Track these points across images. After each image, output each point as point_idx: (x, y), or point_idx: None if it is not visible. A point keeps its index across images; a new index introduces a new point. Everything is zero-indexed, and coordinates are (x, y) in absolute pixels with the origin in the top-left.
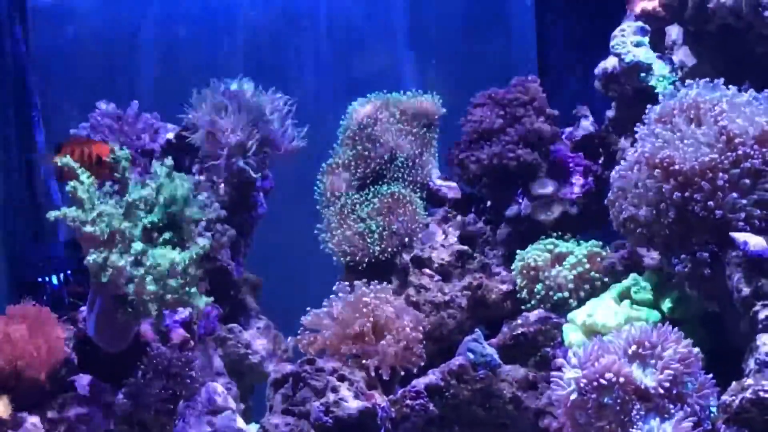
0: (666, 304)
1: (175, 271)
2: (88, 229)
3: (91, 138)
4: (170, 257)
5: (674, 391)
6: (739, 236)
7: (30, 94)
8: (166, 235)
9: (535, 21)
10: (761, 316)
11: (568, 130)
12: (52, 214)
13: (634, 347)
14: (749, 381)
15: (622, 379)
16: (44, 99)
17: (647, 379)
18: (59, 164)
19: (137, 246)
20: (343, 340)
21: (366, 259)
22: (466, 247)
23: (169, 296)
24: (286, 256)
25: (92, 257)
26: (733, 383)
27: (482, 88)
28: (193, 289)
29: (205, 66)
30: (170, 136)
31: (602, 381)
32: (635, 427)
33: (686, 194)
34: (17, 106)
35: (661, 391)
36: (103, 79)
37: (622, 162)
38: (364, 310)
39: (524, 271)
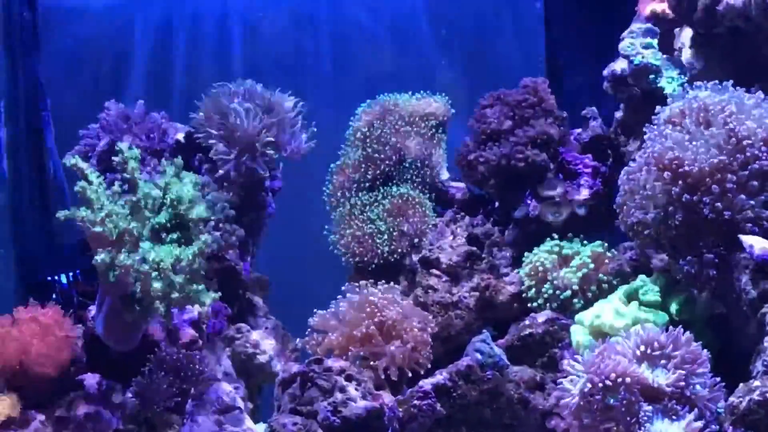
0: (673, 306)
1: (179, 266)
2: (97, 229)
3: None
4: (174, 253)
5: (686, 393)
6: (746, 239)
7: (41, 96)
8: (174, 236)
9: (544, 23)
10: None
11: (577, 131)
12: (62, 214)
13: (642, 348)
14: (756, 383)
15: (628, 380)
16: (54, 100)
17: (658, 378)
18: (67, 165)
19: (145, 246)
20: (350, 341)
21: (375, 260)
22: (474, 248)
23: (175, 294)
24: (295, 257)
25: (100, 257)
26: (741, 385)
27: (491, 89)
28: (200, 286)
29: (215, 67)
30: (180, 136)
31: (608, 382)
32: (642, 428)
33: (695, 196)
34: (28, 107)
35: (675, 390)
36: (112, 79)
37: (631, 163)
38: (369, 310)
39: (531, 274)
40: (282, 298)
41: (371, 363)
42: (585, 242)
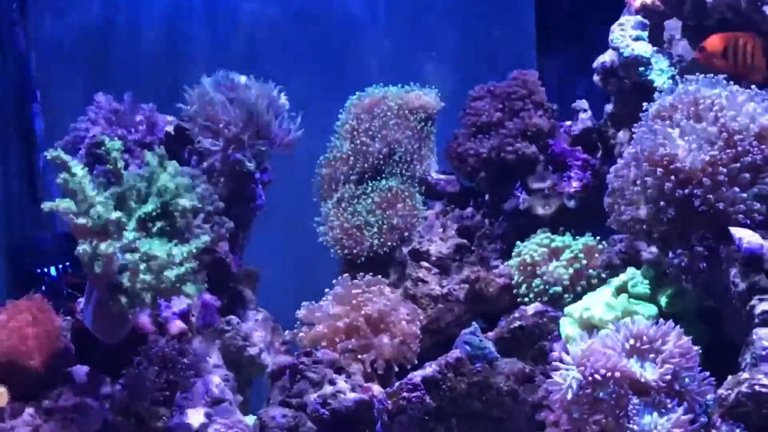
0: (663, 299)
1: (171, 262)
2: (81, 221)
3: None
4: (167, 250)
5: (675, 387)
6: (736, 232)
7: (30, 86)
8: (160, 224)
9: (535, 14)
10: (758, 310)
11: (567, 124)
12: (46, 206)
13: (632, 341)
14: (745, 375)
15: (618, 374)
16: (44, 91)
17: (647, 372)
18: (48, 158)
19: (129, 235)
20: (336, 333)
21: (365, 253)
22: (464, 241)
23: (163, 285)
24: (286, 249)
25: (82, 247)
26: (729, 377)
27: (481, 81)
28: (187, 278)
29: (203, 58)
30: (169, 128)
31: (597, 376)
32: (631, 421)
33: (686, 191)
34: (17, 98)
35: (662, 384)
36: (102, 70)
37: (619, 160)
38: (354, 302)
39: (521, 267)
40: (272, 291)
41: (359, 356)
42: (576, 236)
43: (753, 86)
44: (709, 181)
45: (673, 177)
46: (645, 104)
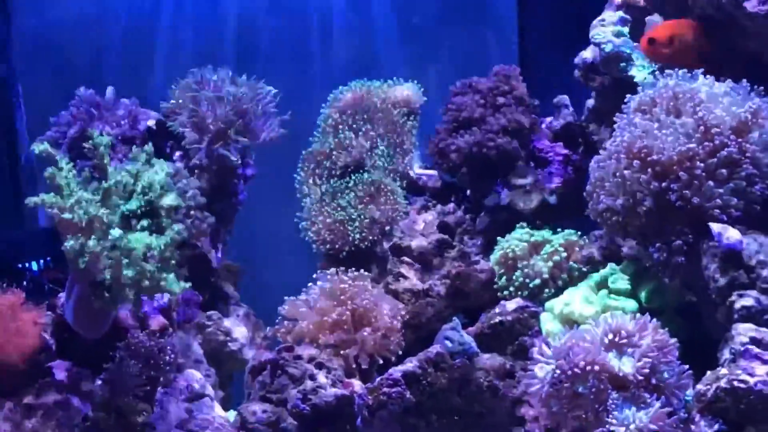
0: (643, 294)
1: (150, 254)
2: (66, 216)
3: None
4: (145, 242)
5: (651, 381)
6: (715, 227)
7: (11, 80)
8: (144, 223)
9: (517, 10)
10: (737, 306)
11: (548, 119)
12: (31, 201)
13: (610, 336)
14: (724, 371)
15: (596, 368)
16: (26, 85)
17: (625, 366)
18: (36, 152)
19: (115, 233)
20: (321, 329)
21: (346, 248)
22: (445, 236)
23: (146, 282)
24: (267, 244)
25: (69, 243)
26: (708, 372)
27: (463, 76)
28: (170, 275)
29: (188, 53)
30: (151, 123)
31: (576, 370)
32: (610, 416)
33: (663, 184)
34: None
35: (639, 378)
36: (85, 65)
37: (601, 152)
38: (342, 298)
39: (502, 261)
40: (253, 286)
41: (342, 351)
42: (558, 230)
43: (729, 80)
44: (686, 175)
45: (649, 169)
46: (627, 97)
